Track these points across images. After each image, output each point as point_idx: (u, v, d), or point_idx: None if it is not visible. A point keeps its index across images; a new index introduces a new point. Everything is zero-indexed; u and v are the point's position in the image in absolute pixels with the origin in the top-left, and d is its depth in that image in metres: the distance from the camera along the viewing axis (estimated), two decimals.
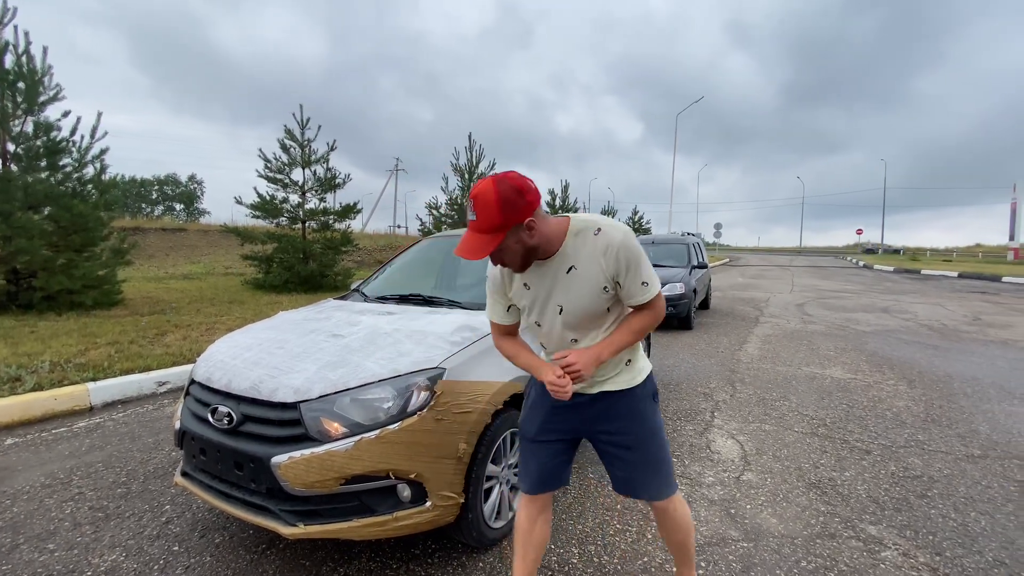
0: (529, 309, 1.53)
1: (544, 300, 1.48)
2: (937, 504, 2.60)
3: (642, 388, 1.56)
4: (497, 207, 1.27)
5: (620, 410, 1.54)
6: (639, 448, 1.54)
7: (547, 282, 1.45)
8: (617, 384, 1.54)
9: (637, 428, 1.54)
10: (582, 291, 1.42)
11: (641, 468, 1.55)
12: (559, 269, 1.43)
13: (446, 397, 1.89)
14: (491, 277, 1.58)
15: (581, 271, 1.41)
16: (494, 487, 2.16)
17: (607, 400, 1.55)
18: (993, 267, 24.54)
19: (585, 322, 1.47)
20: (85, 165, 7.40)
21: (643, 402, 1.56)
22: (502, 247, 1.34)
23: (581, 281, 1.41)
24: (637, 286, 1.41)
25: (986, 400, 4.34)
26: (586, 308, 1.44)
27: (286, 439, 1.81)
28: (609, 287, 1.42)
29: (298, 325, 2.46)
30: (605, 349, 1.44)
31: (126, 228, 19.17)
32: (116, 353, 4.87)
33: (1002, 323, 8.59)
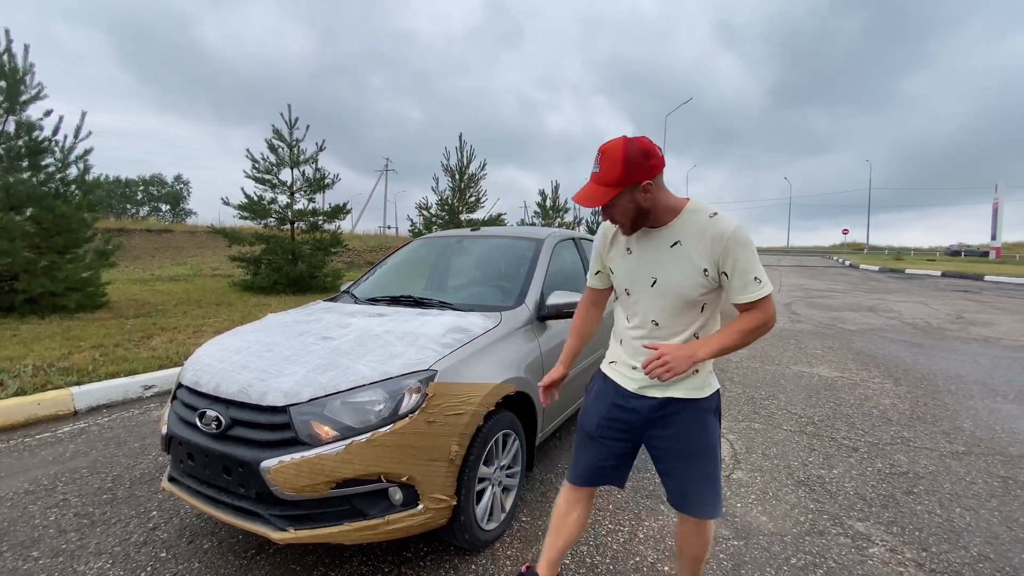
0: (625, 275, 1.53)
1: (642, 269, 1.48)
2: (923, 500, 2.64)
3: (707, 401, 1.51)
4: (621, 163, 1.31)
5: (683, 418, 1.50)
6: (696, 461, 1.51)
7: (649, 251, 1.46)
8: (684, 391, 1.49)
9: (697, 440, 1.50)
10: (680, 267, 1.41)
11: (696, 482, 1.52)
12: (665, 241, 1.43)
13: (437, 399, 1.88)
14: (598, 236, 1.63)
15: (685, 247, 1.41)
16: (486, 489, 2.16)
17: (672, 406, 1.50)
18: (975, 266, 25.00)
19: (672, 304, 1.45)
20: (68, 165, 7.27)
21: (706, 414, 1.51)
22: (616, 202, 1.37)
23: (682, 257, 1.41)
24: (748, 280, 1.36)
25: (969, 397, 4.42)
26: (679, 286, 1.42)
27: (276, 443, 1.79)
28: (710, 271, 1.39)
29: (287, 327, 2.44)
30: (703, 348, 1.37)
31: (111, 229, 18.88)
32: (101, 357, 4.79)
33: (984, 321, 8.75)
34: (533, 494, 2.65)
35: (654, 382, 1.49)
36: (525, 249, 3.15)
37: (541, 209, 23.33)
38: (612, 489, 2.71)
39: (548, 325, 2.76)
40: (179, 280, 12.41)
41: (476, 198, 17.51)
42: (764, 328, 1.41)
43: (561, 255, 3.42)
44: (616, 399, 1.57)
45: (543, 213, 23.05)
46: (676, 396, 1.50)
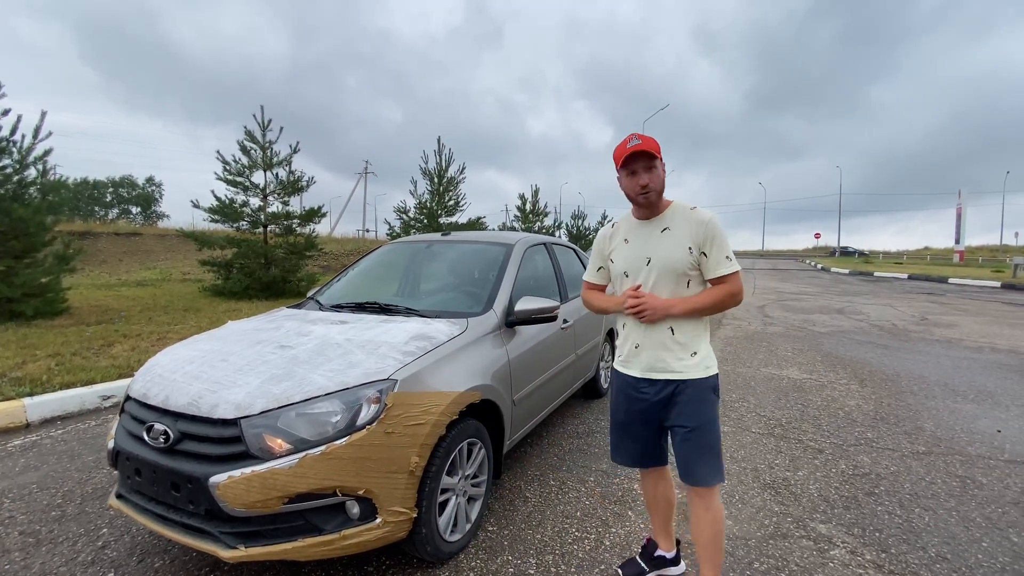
0: (624, 260, 1.81)
1: (638, 252, 1.78)
2: (884, 501, 2.68)
3: (706, 380, 1.74)
4: (655, 141, 1.69)
5: (684, 397, 1.73)
6: (697, 432, 1.71)
7: (643, 238, 1.78)
8: (681, 374, 1.73)
9: (697, 414, 1.71)
10: (670, 246, 1.71)
11: (696, 452, 1.72)
12: (656, 228, 1.76)
13: (397, 409, 1.83)
14: (599, 239, 1.96)
15: (673, 231, 1.73)
16: (450, 499, 2.12)
17: (675, 387, 1.74)
18: (940, 269, 25.87)
19: (665, 276, 1.73)
20: (27, 167, 6.99)
21: (704, 392, 1.73)
22: (657, 164, 1.70)
23: (671, 238, 1.72)
24: (721, 258, 1.69)
25: (931, 398, 4.54)
26: (669, 260, 1.71)
27: (226, 457, 1.72)
28: (694, 249, 1.69)
29: (245, 336, 2.36)
30: (678, 304, 1.70)
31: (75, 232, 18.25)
32: (57, 366, 4.60)
33: (947, 323, 9.03)
34: (501, 503, 2.62)
35: (657, 365, 1.76)
36: (495, 254, 3.12)
37: (521, 213, 23.37)
38: (580, 496, 2.70)
39: (517, 331, 2.74)
40: (146, 285, 12.05)
41: (455, 201, 17.45)
42: (732, 298, 1.72)
43: (532, 260, 3.41)
44: (629, 389, 1.84)
45: (523, 217, 23.09)
46: (677, 378, 1.74)
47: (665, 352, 1.74)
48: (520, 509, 2.56)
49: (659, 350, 1.75)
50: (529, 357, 2.77)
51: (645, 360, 1.78)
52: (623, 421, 1.88)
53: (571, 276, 3.94)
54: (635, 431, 1.86)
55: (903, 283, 18.91)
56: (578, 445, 3.39)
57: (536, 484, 2.83)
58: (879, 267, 27.51)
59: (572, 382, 3.59)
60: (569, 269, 3.97)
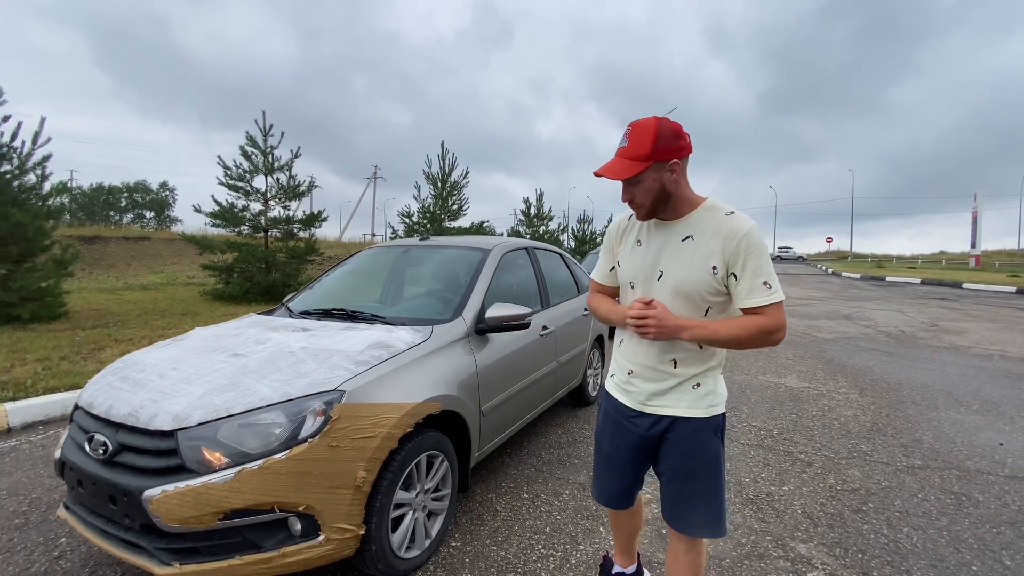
0: (631, 267, 1.49)
1: (650, 261, 1.44)
2: (871, 519, 2.55)
3: (708, 420, 1.44)
4: (652, 137, 1.29)
5: (681, 437, 1.44)
6: (693, 480, 1.45)
7: (659, 243, 1.42)
8: (678, 409, 1.44)
9: (694, 458, 1.44)
10: (690, 263, 1.36)
11: (685, 499, 1.46)
12: (676, 234, 1.40)
13: (344, 422, 1.76)
14: (610, 230, 1.61)
15: (697, 242, 1.36)
16: (406, 515, 2.04)
17: (670, 424, 1.46)
18: (955, 274, 25.34)
19: (678, 300, 1.39)
20: (26, 172, 7.06)
21: (705, 433, 1.44)
22: (641, 178, 1.33)
23: (693, 252, 1.36)
24: (757, 283, 1.31)
25: (933, 408, 4.38)
26: (684, 281, 1.37)
27: (162, 471, 1.66)
28: (719, 269, 1.34)
29: (205, 343, 2.31)
30: (692, 327, 1.34)
31: (85, 236, 18.54)
32: (43, 370, 4.60)
33: (957, 329, 8.79)
34: (469, 517, 2.53)
35: (652, 399, 1.47)
36: (470, 260, 3.05)
37: (526, 217, 23.31)
38: (552, 510, 2.60)
39: (488, 339, 2.66)
40: (150, 289, 12.14)
41: (459, 206, 17.45)
42: (768, 335, 1.33)
43: (512, 266, 3.33)
44: (618, 416, 1.56)
45: (527, 221, 23.02)
46: (674, 415, 1.45)
47: (662, 384, 1.45)
48: (488, 524, 2.47)
49: (655, 382, 1.46)
50: (501, 366, 2.69)
51: (639, 390, 1.49)
52: (608, 452, 1.61)
53: (555, 282, 3.86)
54: (620, 463, 1.59)
55: (915, 288, 18.53)
56: (558, 456, 3.29)
57: (508, 497, 2.74)
58: (892, 271, 27.02)
59: (553, 391, 3.50)
60: (553, 275, 3.89)
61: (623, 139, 1.34)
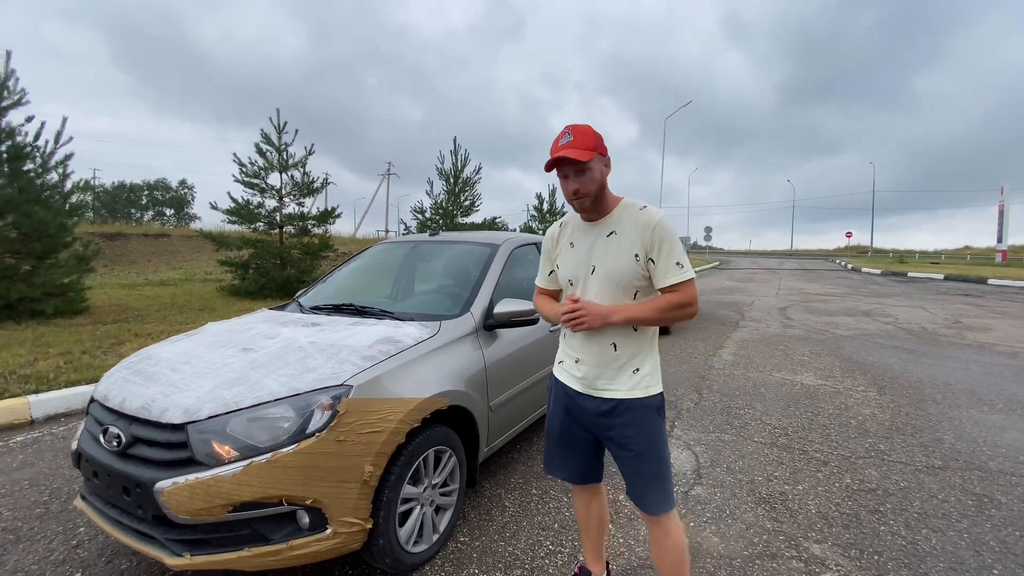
0: (568, 266, 1.65)
1: (582, 258, 1.61)
2: (888, 520, 2.50)
3: (649, 400, 1.59)
4: (592, 135, 1.51)
5: (626, 418, 1.58)
6: (642, 458, 1.59)
7: (589, 241, 1.61)
8: (621, 392, 1.58)
9: (639, 438, 1.58)
10: (616, 254, 1.54)
11: (640, 478, 1.60)
12: (602, 232, 1.59)
13: (351, 416, 1.77)
14: (545, 240, 1.78)
15: (620, 236, 1.55)
16: (414, 509, 2.04)
17: (614, 406, 1.59)
18: (980, 269, 24.67)
19: (609, 288, 1.56)
20: (48, 170, 7.23)
21: (647, 415, 1.58)
22: (591, 166, 1.50)
23: (617, 245, 1.55)
24: (671, 264, 1.50)
25: (955, 407, 4.26)
26: (615, 271, 1.54)
27: (173, 463, 1.69)
28: (640, 256, 1.52)
29: (216, 337, 2.34)
30: (618, 311, 1.52)
31: (107, 233, 18.95)
32: (65, 364, 4.71)
33: (981, 326, 8.56)
34: (477, 512, 2.53)
35: (597, 382, 1.61)
36: (479, 255, 3.04)
37: (538, 212, 23.24)
38: (561, 507, 2.59)
39: (497, 334, 2.65)
40: (168, 285, 12.38)
41: (471, 201, 17.46)
42: (682, 308, 1.51)
43: (521, 261, 3.31)
44: (567, 400, 1.69)
45: (540, 217, 22.96)
46: (617, 397, 1.58)
47: (607, 369, 1.59)
48: (496, 519, 2.47)
49: (600, 366, 1.59)
50: (510, 361, 2.68)
51: (585, 375, 1.62)
52: (559, 434, 1.74)
53: None
54: (573, 445, 1.73)
55: (938, 284, 18.08)
56: None
57: (517, 492, 2.73)
58: (914, 267, 26.39)
59: None
60: None
61: (566, 136, 1.51)
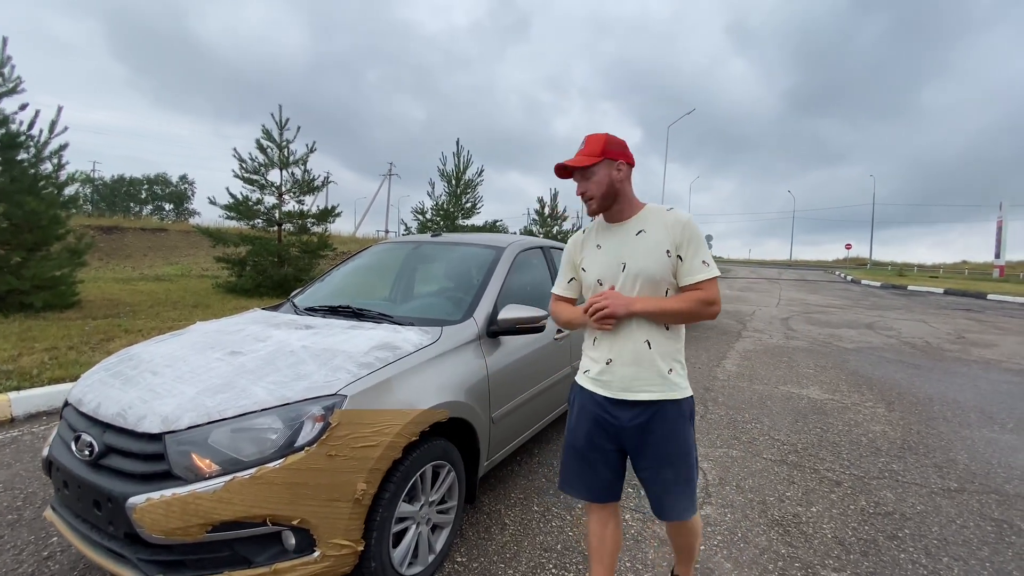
0: (596, 268, 1.64)
1: (611, 258, 1.61)
2: (907, 547, 2.37)
3: (680, 404, 1.57)
4: (603, 141, 1.58)
5: (662, 425, 1.56)
6: (673, 464, 1.57)
7: (617, 241, 1.62)
8: (657, 393, 1.55)
9: (673, 444, 1.56)
10: (647, 250, 1.56)
11: (672, 487, 1.58)
12: (630, 231, 1.61)
13: (344, 429, 1.63)
14: (569, 244, 1.78)
15: (649, 233, 1.57)
16: (409, 528, 1.91)
17: (649, 409, 1.56)
18: (978, 284, 24.63)
19: (642, 284, 1.56)
20: (43, 161, 7.08)
21: (679, 420, 1.57)
22: (595, 171, 1.57)
23: (648, 242, 1.57)
24: (698, 263, 1.53)
25: (966, 426, 4.15)
26: (648, 267, 1.55)
27: (149, 476, 1.55)
28: (671, 252, 1.54)
29: (203, 338, 2.20)
30: (641, 301, 1.53)
31: (103, 227, 18.78)
32: (50, 360, 4.56)
33: (986, 342, 8.46)
34: (476, 530, 2.40)
35: (633, 384, 1.56)
36: (483, 258, 2.91)
37: (539, 216, 23.11)
38: (564, 525, 2.46)
39: (500, 342, 2.52)
40: (164, 280, 12.21)
41: (472, 203, 17.34)
42: (705, 305, 1.52)
43: (526, 265, 3.19)
44: (597, 410, 1.62)
45: (541, 220, 22.84)
46: (651, 399, 1.55)
47: (642, 369, 1.55)
48: (496, 538, 2.34)
49: (635, 366, 1.55)
50: (514, 371, 2.55)
51: (620, 378, 1.57)
52: (583, 448, 1.65)
53: None
54: (597, 459, 1.64)
55: (938, 298, 18.01)
56: None
57: (518, 509, 2.60)
58: (913, 280, 26.35)
59: (566, 397, 3.35)
60: None
61: (581, 145, 1.61)
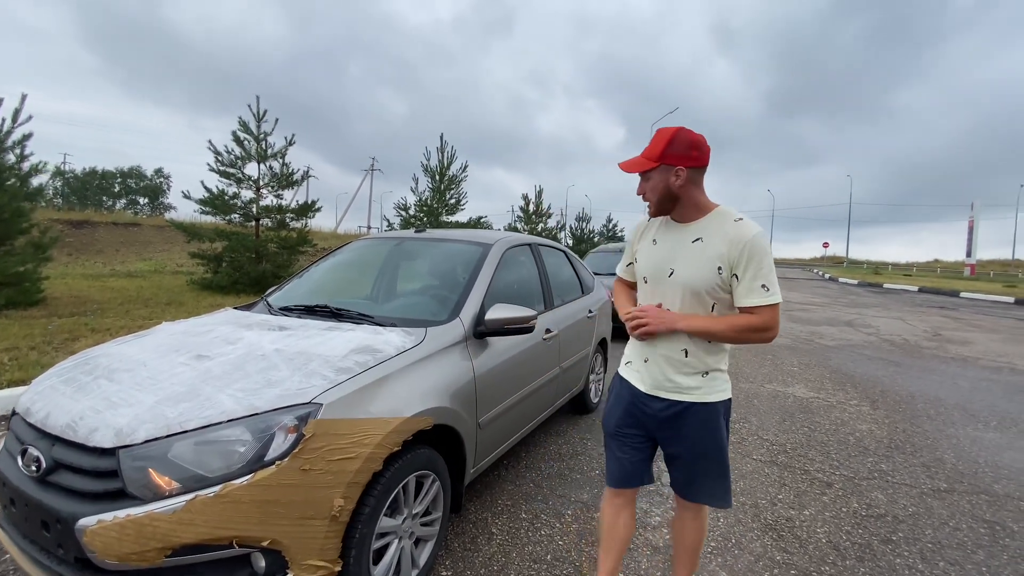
0: (646, 264, 1.62)
1: (662, 259, 1.57)
2: (902, 551, 2.33)
3: (716, 406, 1.56)
4: (665, 142, 1.47)
5: (692, 422, 1.56)
6: (705, 461, 1.58)
7: (672, 243, 1.56)
8: (690, 396, 1.55)
9: (706, 442, 1.57)
10: (698, 262, 1.49)
11: (705, 477, 1.60)
12: (687, 236, 1.53)
13: (319, 441, 1.51)
14: (632, 229, 1.75)
15: (705, 244, 1.49)
16: (390, 544, 1.79)
17: (681, 409, 1.56)
18: (951, 282, 25.27)
19: (683, 296, 1.52)
20: (5, 151, 6.73)
21: (714, 420, 1.56)
22: (650, 175, 1.52)
23: (701, 253, 1.49)
24: (756, 286, 1.43)
25: (950, 424, 4.17)
26: (693, 279, 1.49)
27: (102, 495, 1.41)
28: (724, 269, 1.46)
29: (169, 340, 2.04)
30: (685, 319, 1.49)
31: (73, 221, 18.13)
32: (10, 361, 4.31)
33: (961, 339, 8.62)
34: (461, 540, 2.29)
35: (666, 384, 1.57)
36: (470, 255, 2.79)
37: (524, 213, 22.99)
38: (553, 534, 2.36)
39: (487, 343, 2.41)
40: (136, 276, 11.80)
41: (457, 200, 17.14)
42: (759, 332, 1.45)
43: (514, 263, 3.08)
44: (631, 400, 1.66)
45: (526, 217, 22.72)
46: (684, 400, 1.55)
47: (674, 371, 1.56)
48: (483, 549, 2.23)
49: (671, 369, 1.56)
50: (501, 373, 2.44)
51: (654, 376, 1.60)
52: (612, 431, 1.70)
53: (559, 281, 3.61)
54: (624, 443, 1.68)
55: (913, 296, 18.40)
56: (559, 469, 3.05)
57: (505, 517, 2.50)
58: (888, 278, 26.93)
59: (555, 398, 3.26)
60: (557, 273, 3.64)
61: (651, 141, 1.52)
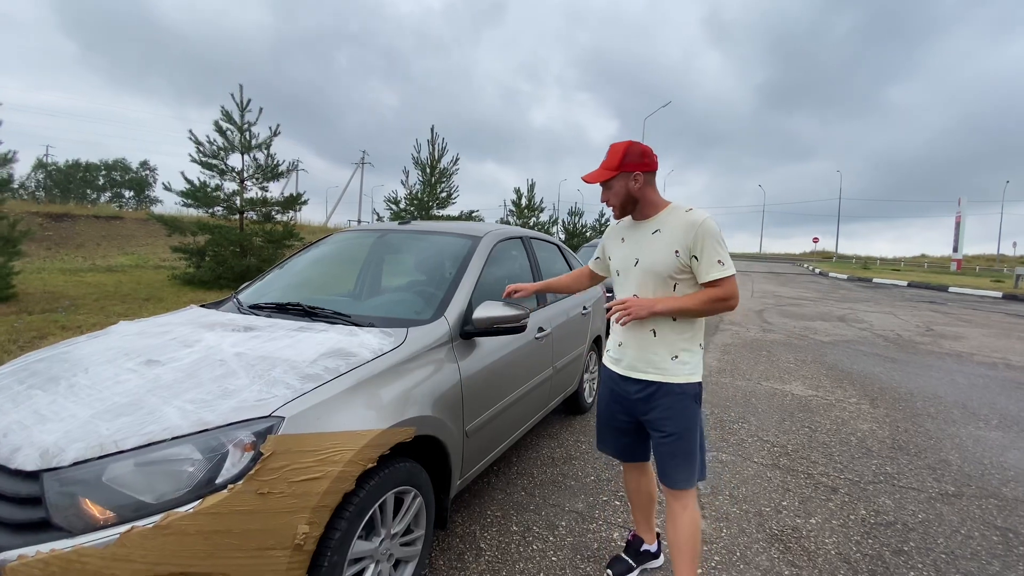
0: (618, 259, 1.85)
1: (629, 253, 1.79)
2: (916, 563, 2.20)
3: (685, 387, 1.71)
4: (622, 153, 1.70)
5: (663, 402, 1.72)
6: (673, 439, 1.72)
7: (636, 238, 1.79)
8: (661, 376, 1.72)
9: (674, 421, 1.71)
10: (658, 249, 1.70)
11: (670, 456, 1.74)
12: (648, 229, 1.75)
13: (280, 460, 1.32)
14: (606, 232, 1.97)
15: (663, 234, 1.70)
16: (366, 569, 1.61)
17: (652, 389, 1.74)
18: (938, 277, 25.48)
19: (649, 280, 1.72)
20: None
21: (682, 399, 1.71)
22: (612, 184, 1.74)
23: (660, 241, 1.70)
24: (712, 262, 1.63)
25: (951, 423, 4.07)
26: (655, 264, 1.69)
27: (24, 526, 1.21)
28: (681, 252, 1.66)
29: (120, 342, 1.84)
30: (662, 302, 1.66)
31: (52, 214, 17.63)
32: None
33: (953, 334, 8.59)
34: (447, 557, 2.12)
35: (638, 364, 1.77)
36: (457, 248, 2.60)
37: (516, 207, 22.78)
38: (546, 548, 2.20)
39: (475, 343, 2.23)
40: (116, 271, 11.46)
41: (448, 193, 16.89)
42: (723, 302, 1.64)
43: (505, 257, 2.89)
44: (612, 384, 1.89)
45: (518, 211, 22.51)
46: (652, 379, 1.74)
47: (646, 352, 1.74)
48: (470, 567, 2.06)
49: (640, 349, 1.75)
50: (490, 376, 2.27)
51: (628, 358, 1.80)
52: (605, 415, 1.96)
53: (552, 275, 3.43)
54: (618, 425, 1.90)
55: (903, 291, 18.48)
56: (551, 475, 2.89)
57: (494, 530, 2.33)
58: (877, 273, 27.10)
59: (548, 400, 3.09)
60: (550, 267, 3.46)
61: (605, 155, 1.75)
